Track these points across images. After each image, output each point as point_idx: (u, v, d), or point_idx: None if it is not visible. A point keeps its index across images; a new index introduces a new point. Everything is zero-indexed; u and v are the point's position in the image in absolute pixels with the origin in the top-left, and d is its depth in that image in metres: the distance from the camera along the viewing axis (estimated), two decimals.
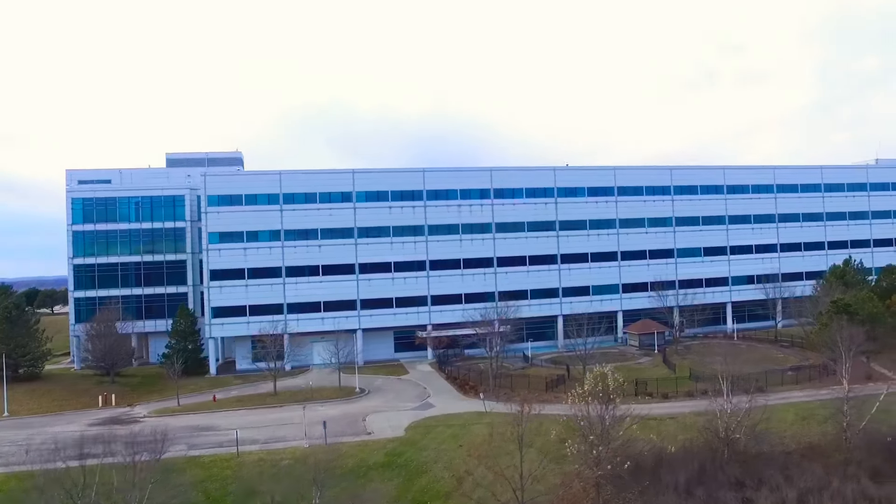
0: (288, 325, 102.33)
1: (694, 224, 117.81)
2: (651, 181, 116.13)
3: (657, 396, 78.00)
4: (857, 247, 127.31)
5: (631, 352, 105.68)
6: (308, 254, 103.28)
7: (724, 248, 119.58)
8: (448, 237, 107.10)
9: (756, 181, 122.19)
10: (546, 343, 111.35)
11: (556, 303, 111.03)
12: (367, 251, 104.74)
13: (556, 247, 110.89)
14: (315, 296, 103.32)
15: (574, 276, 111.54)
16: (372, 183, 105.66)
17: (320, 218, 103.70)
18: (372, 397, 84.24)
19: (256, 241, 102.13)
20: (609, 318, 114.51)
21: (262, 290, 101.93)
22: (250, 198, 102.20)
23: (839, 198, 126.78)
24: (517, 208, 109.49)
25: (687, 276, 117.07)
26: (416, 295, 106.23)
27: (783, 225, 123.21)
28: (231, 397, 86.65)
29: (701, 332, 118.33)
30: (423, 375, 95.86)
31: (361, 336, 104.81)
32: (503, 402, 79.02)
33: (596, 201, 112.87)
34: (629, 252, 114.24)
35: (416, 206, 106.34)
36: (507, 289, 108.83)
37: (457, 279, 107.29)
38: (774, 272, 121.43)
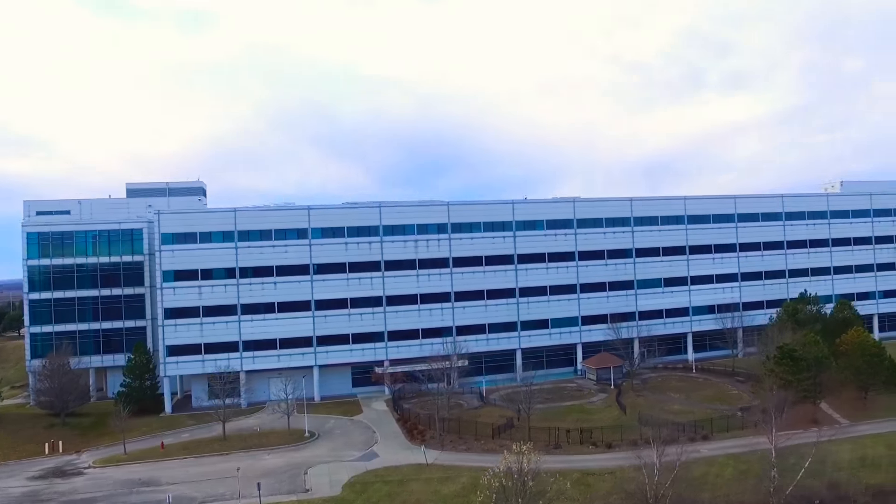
0: (244, 363, 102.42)
1: (654, 255, 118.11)
2: (611, 213, 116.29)
3: (601, 446, 78.13)
4: (818, 274, 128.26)
5: (588, 386, 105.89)
6: (263, 291, 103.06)
7: (685, 278, 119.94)
8: (405, 273, 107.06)
9: (717, 211, 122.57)
10: (505, 376, 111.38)
11: (515, 336, 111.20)
12: (323, 288, 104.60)
13: (515, 280, 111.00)
14: (271, 333, 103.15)
15: (533, 309, 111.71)
16: (327, 219, 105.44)
17: (276, 255, 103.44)
18: (320, 443, 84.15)
19: (211, 279, 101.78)
20: (569, 350, 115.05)
21: (218, 328, 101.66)
22: (205, 235, 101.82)
23: (800, 226, 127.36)
24: (475, 242, 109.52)
25: (647, 308, 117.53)
26: (372, 331, 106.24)
27: (744, 254, 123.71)
28: (180, 442, 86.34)
29: (662, 361, 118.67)
30: (376, 416, 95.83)
31: (318, 372, 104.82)
32: (448, 450, 79.78)
33: (555, 234, 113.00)
34: (589, 284, 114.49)
35: (373, 241, 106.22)
36: (465, 323, 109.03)
37: (414, 314, 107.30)
38: (735, 301, 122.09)
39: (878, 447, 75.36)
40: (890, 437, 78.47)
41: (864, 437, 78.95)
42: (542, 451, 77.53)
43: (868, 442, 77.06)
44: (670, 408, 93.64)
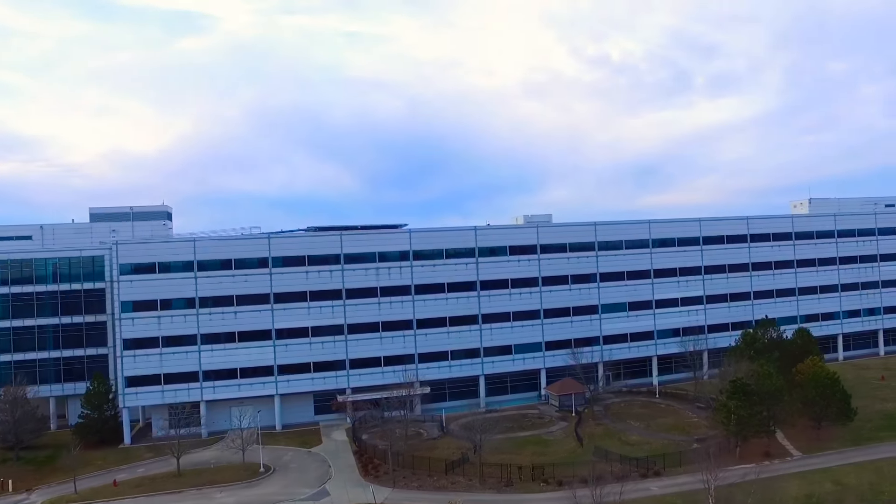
0: (204, 393, 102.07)
1: (619, 279, 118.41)
2: (575, 238, 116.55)
3: (553, 483, 78.15)
4: (783, 296, 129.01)
5: (549, 414, 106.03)
6: (224, 321, 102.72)
7: (650, 301, 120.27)
8: (366, 300, 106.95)
9: (682, 234, 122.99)
10: (469, 402, 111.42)
11: (478, 363, 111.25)
12: (284, 316, 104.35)
13: (478, 307, 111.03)
14: (231, 362, 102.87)
15: (496, 335, 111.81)
16: (288, 248, 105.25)
17: (236, 284, 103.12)
18: (274, 479, 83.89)
19: (171, 308, 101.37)
20: (533, 375, 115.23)
21: (177, 358, 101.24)
22: (163, 265, 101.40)
23: (765, 248, 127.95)
24: (437, 269, 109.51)
25: (611, 332, 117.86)
26: (334, 359, 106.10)
27: (709, 277, 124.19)
28: (135, 478, 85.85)
29: (627, 385, 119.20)
30: (335, 447, 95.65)
31: (279, 401, 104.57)
32: (400, 487, 79.69)
33: (518, 260, 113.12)
34: (552, 309, 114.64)
35: (334, 270, 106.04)
36: (428, 350, 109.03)
37: (375, 342, 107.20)
38: (701, 324, 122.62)
39: (826, 483, 75.66)
40: (838, 471, 78.89)
41: (813, 471, 79.28)
42: (494, 489, 78.50)
43: (816, 477, 77.35)
44: (628, 438, 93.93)
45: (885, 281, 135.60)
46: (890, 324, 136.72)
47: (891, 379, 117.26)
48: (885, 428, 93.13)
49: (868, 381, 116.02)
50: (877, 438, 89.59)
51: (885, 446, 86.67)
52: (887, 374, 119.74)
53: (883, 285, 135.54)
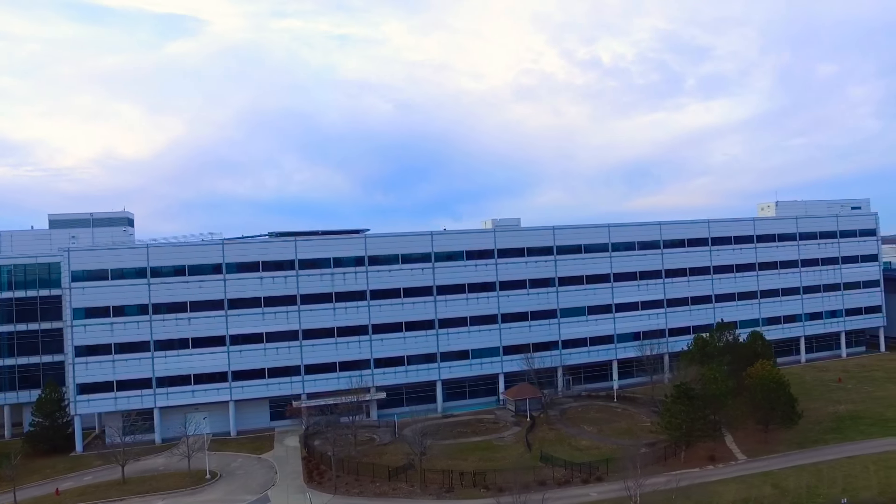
0: (157, 400, 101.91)
1: (578, 283, 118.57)
2: (534, 242, 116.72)
3: (493, 489, 78.05)
4: (745, 298, 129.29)
5: (505, 419, 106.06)
6: (177, 327, 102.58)
7: (610, 305, 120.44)
8: (321, 306, 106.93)
9: (642, 238, 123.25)
10: (427, 407, 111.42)
11: (435, 368, 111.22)
12: (238, 322, 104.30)
13: (434, 312, 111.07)
14: (185, 369, 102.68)
15: (453, 340, 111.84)
16: (242, 254, 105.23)
17: (190, 291, 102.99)
18: (218, 486, 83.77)
19: (124, 315, 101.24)
20: (491, 380, 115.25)
21: (130, 364, 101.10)
22: (116, 272, 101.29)
23: (726, 251, 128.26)
24: (393, 275, 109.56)
25: (571, 336, 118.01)
26: (289, 365, 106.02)
27: (670, 280, 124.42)
28: (80, 487, 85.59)
29: (587, 389, 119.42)
30: (285, 453, 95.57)
31: (234, 407, 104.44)
32: (341, 493, 79.72)
33: (475, 264, 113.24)
34: (510, 314, 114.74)
35: (288, 275, 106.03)
36: (384, 355, 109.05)
37: (331, 348, 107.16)
38: (661, 328, 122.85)
39: (765, 487, 75.84)
40: (779, 475, 79.08)
41: (755, 475, 79.42)
42: (434, 495, 78.52)
43: (756, 481, 77.52)
44: (578, 443, 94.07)
45: (846, 283, 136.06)
46: (852, 326, 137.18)
47: (848, 381, 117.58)
48: (832, 430, 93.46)
49: (825, 384, 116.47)
50: (822, 441, 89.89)
51: (830, 448, 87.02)
52: (845, 377, 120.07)
53: (845, 287, 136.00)
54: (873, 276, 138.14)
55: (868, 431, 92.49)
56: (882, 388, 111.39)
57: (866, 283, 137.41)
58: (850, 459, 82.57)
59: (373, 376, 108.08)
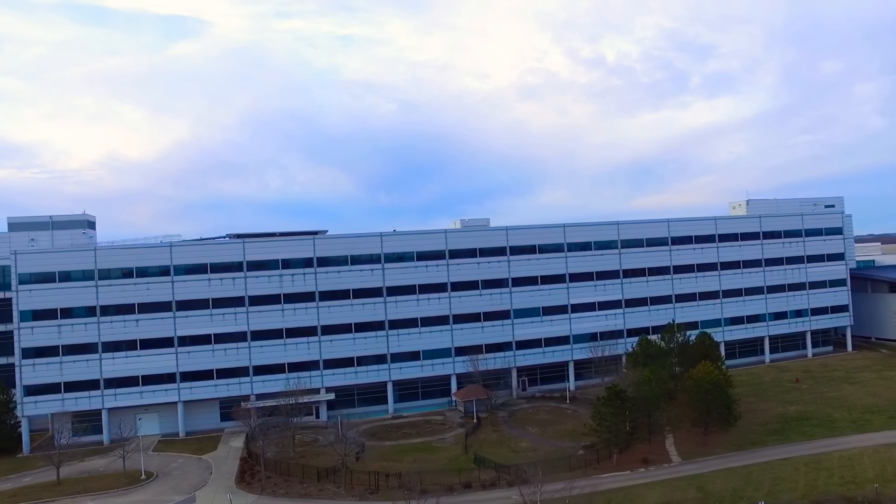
0: (105, 401, 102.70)
1: (532, 283, 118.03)
2: (487, 243, 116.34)
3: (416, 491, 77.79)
4: (706, 299, 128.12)
5: (453, 420, 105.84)
6: (125, 329, 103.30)
7: (565, 306, 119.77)
8: (270, 307, 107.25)
9: (599, 237, 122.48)
10: (379, 408, 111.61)
11: (385, 369, 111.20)
12: (186, 324, 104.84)
13: (384, 313, 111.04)
14: (133, 370, 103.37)
15: (404, 341, 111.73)
16: (191, 256, 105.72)
17: (138, 292, 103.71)
18: (150, 486, 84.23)
19: (71, 317, 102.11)
20: (444, 381, 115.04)
21: (78, 366, 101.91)
22: (64, 275, 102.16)
23: (687, 251, 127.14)
24: (342, 276, 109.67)
25: (525, 337, 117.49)
26: (238, 366, 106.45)
27: (628, 280, 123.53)
28: (16, 488, 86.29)
29: (543, 390, 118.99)
30: (227, 454, 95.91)
31: (182, 408, 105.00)
32: (268, 494, 79.97)
33: (426, 265, 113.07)
34: (463, 315, 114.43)
35: (237, 277, 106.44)
36: (333, 356, 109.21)
37: (280, 349, 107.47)
38: (619, 328, 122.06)
39: (690, 490, 75.06)
40: (708, 477, 78.26)
41: (683, 478, 78.61)
42: (359, 496, 78.53)
43: (682, 484, 76.76)
44: (517, 445, 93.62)
45: (812, 282, 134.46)
46: (818, 325, 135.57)
47: (806, 381, 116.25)
48: (775, 432, 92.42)
49: (782, 384, 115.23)
50: (762, 443, 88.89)
51: (768, 450, 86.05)
52: (806, 377, 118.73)
53: (811, 287, 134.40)
54: (840, 275, 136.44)
55: (811, 433, 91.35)
56: (836, 389, 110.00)
57: (833, 283, 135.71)
58: (783, 461, 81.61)
59: (322, 377, 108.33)
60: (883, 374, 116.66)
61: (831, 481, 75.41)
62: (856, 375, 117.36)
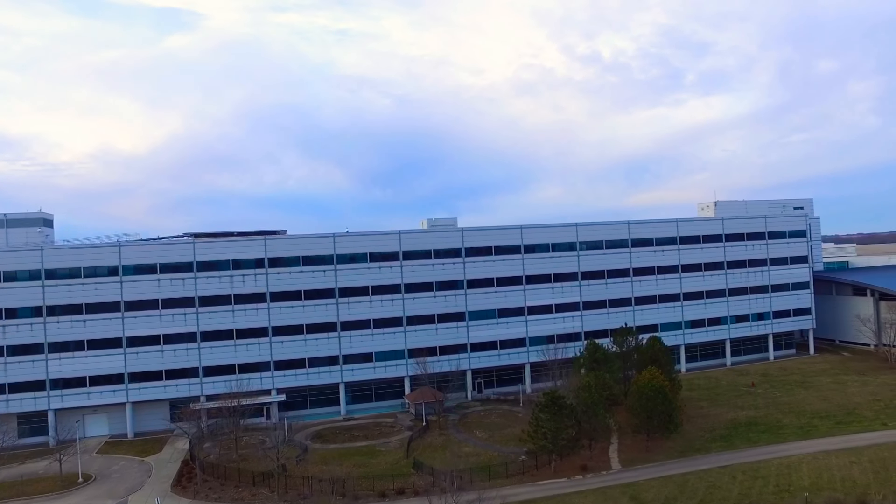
0: (51, 402, 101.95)
1: (488, 285, 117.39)
2: (441, 244, 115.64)
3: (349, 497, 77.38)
4: (666, 301, 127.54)
5: (403, 423, 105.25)
6: (73, 329, 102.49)
7: (522, 308, 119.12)
8: (220, 308, 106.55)
9: (557, 239, 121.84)
10: (332, 409, 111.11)
11: (337, 370, 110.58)
12: (135, 324, 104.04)
13: (336, 314, 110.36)
14: (81, 371, 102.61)
15: (356, 343, 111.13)
16: (140, 256, 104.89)
17: (85, 293, 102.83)
18: (85, 490, 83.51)
19: (16, 317, 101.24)
20: (398, 383, 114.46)
21: (24, 367, 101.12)
22: (9, 274, 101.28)
23: (647, 253, 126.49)
24: (294, 277, 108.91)
25: (480, 339, 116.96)
26: (187, 366, 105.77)
27: (586, 283, 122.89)
28: None
29: (499, 392, 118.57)
30: (170, 456, 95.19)
31: (131, 409, 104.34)
32: (201, 498, 79.42)
33: (379, 266, 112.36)
34: (417, 317, 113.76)
35: (186, 277, 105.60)
36: (285, 358, 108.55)
37: (230, 350, 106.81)
38: (577, 331, 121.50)
39: (623, 499, 74.57)
40: (643, 486, 77.77)
41: (618, 486, 78.15)
42: (291, 502, 77.94)
43: (616, 493, 76.24)
44: (461, 449, 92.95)
45: (775, 285, 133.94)
46: (780, 328, 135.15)
47: (762, 384, 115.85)
48: (721, 438, 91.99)
49: (737, 389, 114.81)
50: (706, 449, 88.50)
51: (710, 457, 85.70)
52: (762, 381, 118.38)
53: (773, 289, 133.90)
54: (803, 277, 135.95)
55: (756, 439, 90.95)
56: (790, 394, 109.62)
57: (795, 286, 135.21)
58: (721, 469, 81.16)
59: (272, 378, 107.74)
60: (838, 379, 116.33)
61: (766, 490, 75.01)
62: (812, 380, 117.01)
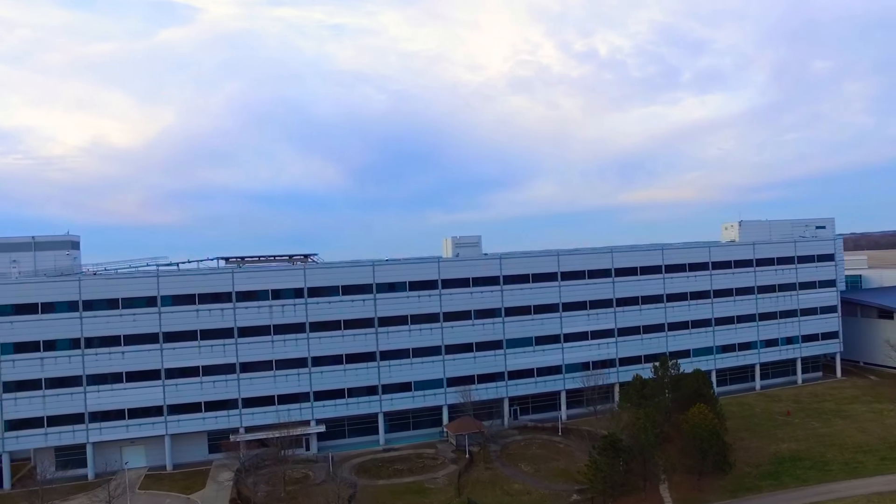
0: (90, 434, 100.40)
1: (525, 313, 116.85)
2: (479, 272, 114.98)
3: None
4: (698, 327, 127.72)
5: (444, 454, 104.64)
6: (111, 361, 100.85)
7: (558, 335, 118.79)
8: (259, 338, 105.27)
9: (593, 265, 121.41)
10: (370, 438, 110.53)
11: (376, 400, 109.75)
12: (173, 355, 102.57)
13: (376, 343, 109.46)
14: (119, 403, 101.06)
15: (395, 372, 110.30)
16: (178, 286, 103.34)
17: (123, 324, 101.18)
18: None
19: (55, 349, 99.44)
20: (435, 411, 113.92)
21: (62, 399, 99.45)
22: (47, 305, 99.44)
23: (680, 279, 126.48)
24: (333, 306, 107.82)
25: (517, 367, 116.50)
26: (226, 398, 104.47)
27: (621, 309, 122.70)
28: None
29: (534, 419, 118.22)
30: (216, 492, 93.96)
31: (170, 441, 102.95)
32: None
33: (419, 295, 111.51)
34: (455, 345, 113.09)
35: (225, 308, 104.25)
36: (324, 388, 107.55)
37: (269, 381, 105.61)
38: (612, 357, 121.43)
39: None
40: None
41: None
42: None
43: None
44: (511, 486, 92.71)
45: (803, 309, 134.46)
46: (808, 352, 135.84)
47: (798, 413, 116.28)
48: (769, 475, 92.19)
49: (774, 417, 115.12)
50: (756, 488, 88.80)
51: (764, 497, 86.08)
52: (796, 408, 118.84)
53: (802, 313, 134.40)
54: (831, 301, 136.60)
55: (804, 476, 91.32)
56: (828, 424, 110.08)
57: (824, 309, 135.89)
58: None
59: (312, 409, 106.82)
60: (873, 407, 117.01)
61: None
62: (847, 408, 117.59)
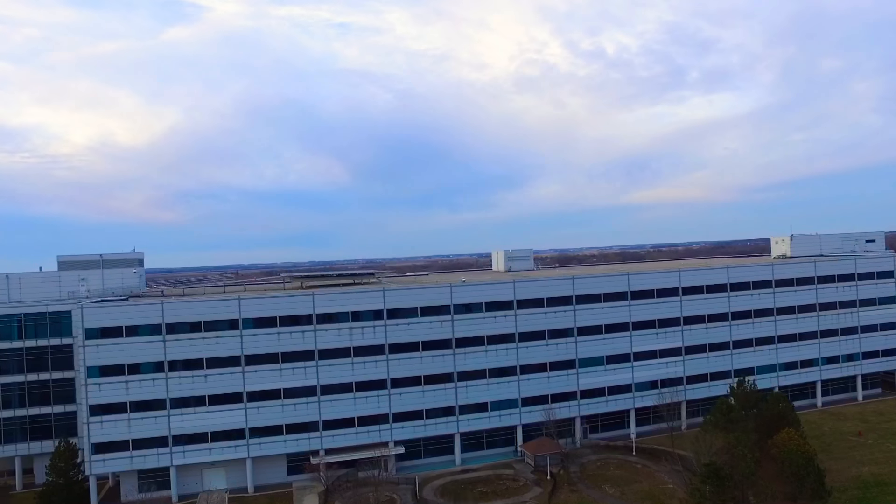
0: (174, 458, 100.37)
1: (596, 332, 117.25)
2: (552, 292, 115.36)
3: None
4: (762, 344, 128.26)
5: (524, 475, 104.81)
6: (194, 384, 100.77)
7: (628, 354, 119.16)
8: (339, 361, 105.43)
9: (661, 285, 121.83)
10: (445, 458, 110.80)
11: (453, 421, 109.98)
12: (255, 379, 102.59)
13: (453, 365, 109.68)
14: (202, 426, 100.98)
15: (472, 392, 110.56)
16: (259, 309, 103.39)
17: (206, 347, 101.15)
18: None
19: (139, 373, 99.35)
20: (510, 431, 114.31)
21: (146, 423, 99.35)
22: (131, 329, 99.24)
23: (744, 296, 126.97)
24: (412, 328, 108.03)
25: (589, 386, 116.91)
26: (307, 420, 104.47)
27: (688, 327, 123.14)
28: None
29: (604, 437, 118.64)
30: None
31: (251, 464, 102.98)
32: None
33: (494, 316, 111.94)
34: (529, 365, 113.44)
35: (306, 330, 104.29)
36: (402, 409, 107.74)
37: (349, 403, 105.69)
38: (679, 376, 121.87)
39: None
40: None
41: None
42: None
43: None
44: None
45: (864, 326, 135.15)
46: (869, 369, 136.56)
47: (868, 433, 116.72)
48: (860, 501, 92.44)
49: (845, 437, 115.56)
50: None
51: None
52: (865, 427, 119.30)
53: (862, 330, 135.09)
54: (892, 318, 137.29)
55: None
56: None
57: (884, 326, 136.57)
58: None
59: (391, 430, 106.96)
60: None
61: None
62: None
